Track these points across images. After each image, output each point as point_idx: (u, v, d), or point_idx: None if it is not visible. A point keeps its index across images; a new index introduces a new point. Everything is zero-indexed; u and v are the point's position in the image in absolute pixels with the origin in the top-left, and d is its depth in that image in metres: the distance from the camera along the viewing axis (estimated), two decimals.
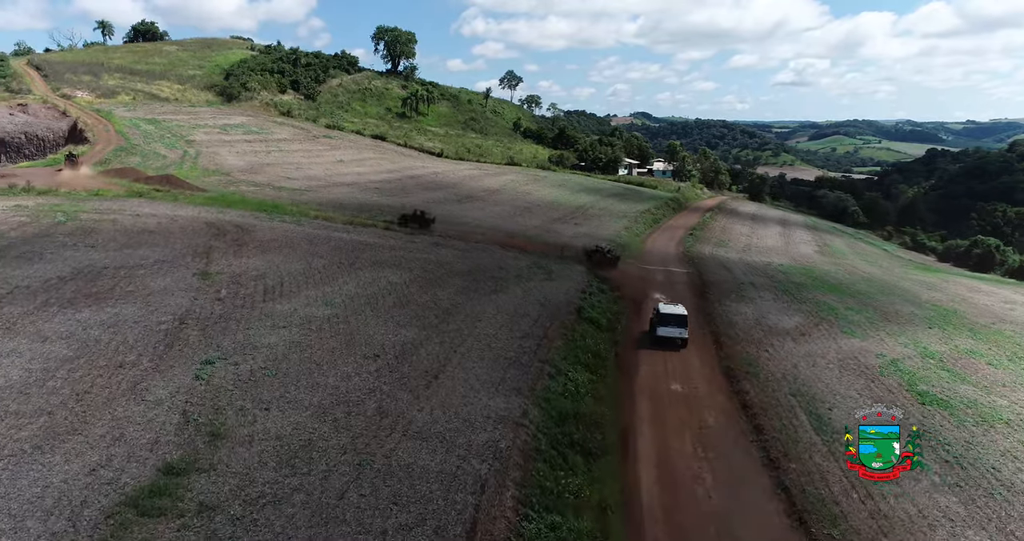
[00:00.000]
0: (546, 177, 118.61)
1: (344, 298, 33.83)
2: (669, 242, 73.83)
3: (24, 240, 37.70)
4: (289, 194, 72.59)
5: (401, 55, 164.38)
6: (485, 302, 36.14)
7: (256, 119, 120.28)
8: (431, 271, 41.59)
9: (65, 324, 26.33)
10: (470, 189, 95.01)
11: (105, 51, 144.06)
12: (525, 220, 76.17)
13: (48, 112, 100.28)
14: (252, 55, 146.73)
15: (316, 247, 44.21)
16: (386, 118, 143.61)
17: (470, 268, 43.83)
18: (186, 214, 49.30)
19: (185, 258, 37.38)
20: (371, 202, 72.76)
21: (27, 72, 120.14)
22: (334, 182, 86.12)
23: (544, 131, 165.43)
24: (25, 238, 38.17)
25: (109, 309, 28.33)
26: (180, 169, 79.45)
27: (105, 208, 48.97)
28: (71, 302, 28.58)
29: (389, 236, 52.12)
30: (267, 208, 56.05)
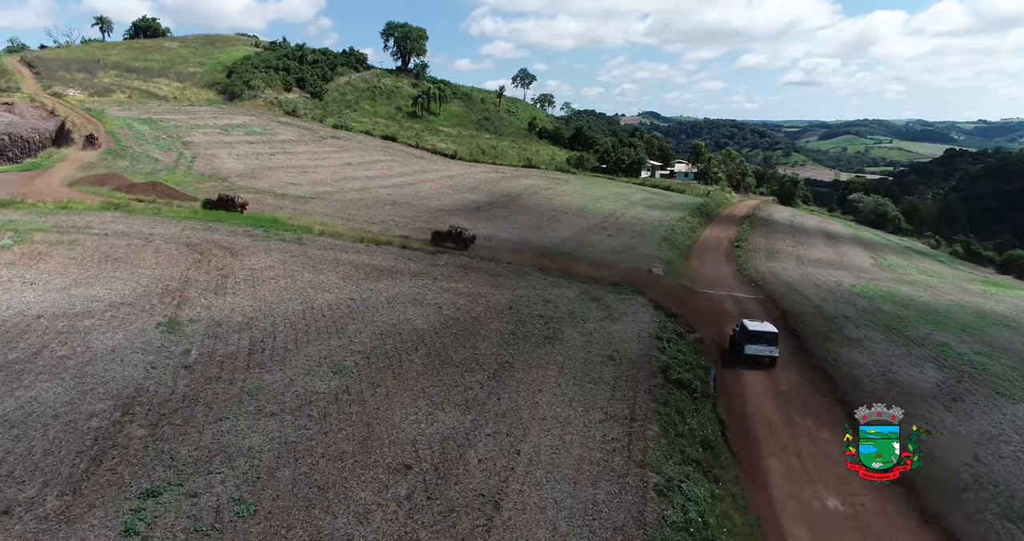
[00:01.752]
0: (568, 180, 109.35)
1: (357, 358, 24.87)
2: (717, 256, 64.66)
3: None
4: (291, 203, 63.73)
5: (412, 52, 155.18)
6: (540, 358, 27.13)
7: (259, 119, 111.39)
8: (464, 310, 32.60)
9: None
10: (490, 194, 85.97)
11: (102, 48, 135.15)
12: (554, 231, 67.07)
13: (35, 112, 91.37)
14: (256, 52, 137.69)
15: (321, 276, 35.29)
16: (396, 118, 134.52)
17: (511, 302, 34.84)
18: (165, 232, 40.39)
19: (151, 299, 28.45)
20: (383, 212, 63.79)
21: (17, 69, 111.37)
22: (342, 188, 77.16)
23: (560, 131, 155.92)
24: None
25: (22, 393, 19.40)
26: (172, 174, 70.63)
27: (69, 225, 40.10)
28: None
29: (407, 257, 43.14)
30: (264, 223, 47.11)
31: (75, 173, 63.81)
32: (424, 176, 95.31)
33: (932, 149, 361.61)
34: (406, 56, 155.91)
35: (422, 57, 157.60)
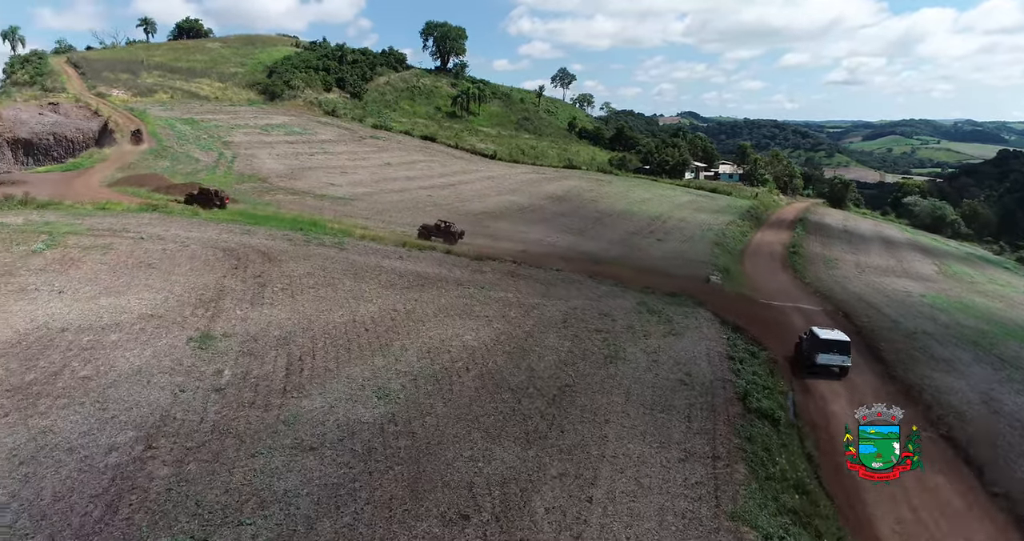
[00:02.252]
0: (610, 182, 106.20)
1: (404, 380, 22.45)
2: (772, 263, 61.16)
3: None
4: (331, 204, 61.93)
5: (451, 52, 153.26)
6: (603, 381, 24.44)
7: (299, 119, 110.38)
8: (516, 323, 30.04)
9: None
10: (531, 196, 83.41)
11: (146, 48, 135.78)
12: (601, 235, 64.28)
13: (79, 111, 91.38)
14: (296, 52, 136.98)
15: (362, 284, 33.03)
16: (435, 118, 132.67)
17: (565, 315, 32.18)
18: (202, 236, 38.58)
19: (183, 310, 26.41)
20: (423, 215, 61.64)
21: (64, 70, 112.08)
22: (381, 189, 75.29)
23: (601, 132, 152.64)
24: None
25: (36, 421, 17.35)
26: (212, 175, 69.40)
27: (104, 228, 38.53)
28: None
29: (451, 263, 40.75)
30: (303, 226, 45.13)
31: (115, 173, 62.86)
32: (464, 177, 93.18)
33: (982, 150, 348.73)
34: (445, 56, 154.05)
35: (461, 57, 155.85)
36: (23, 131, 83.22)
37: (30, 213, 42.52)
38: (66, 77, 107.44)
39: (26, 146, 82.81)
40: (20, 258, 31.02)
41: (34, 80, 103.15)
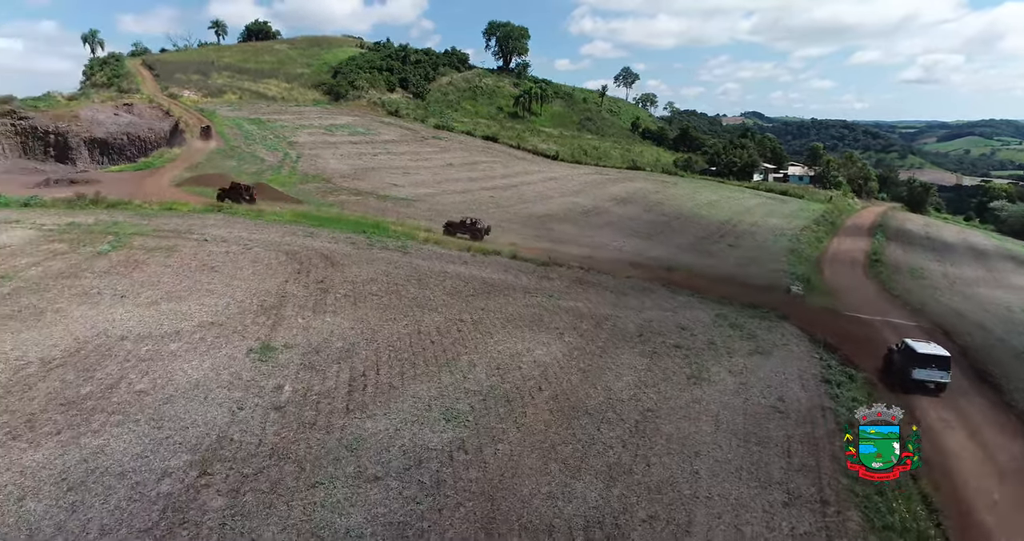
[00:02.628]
0: (676, 184, 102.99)
1: (473, 400, 20.78)
2: (854, 273, 57.42)
3: (34, 285, 26.72)
4: (394, 205, 61.02)
5: (513, 52, 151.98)
6: (689, 406, 22.27)
7: (363, 119, 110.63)
8: (589, 336, 28.08)
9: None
10: (595, 198, 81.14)
11: (217, 50, 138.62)
12: (670, 239, 61.66)
13: (152, 112, 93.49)
14: (361, 52, 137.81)
15: (427, 291, 31.58)
16: (497, 118, 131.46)
17: (639, 327, 30.06)
18: (266, 238, 37.83)
19: (244, 318, 25.36)
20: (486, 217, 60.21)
21: (139, 72, 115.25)
22: (444, 190, 74.18)
23: (665, 132, 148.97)
24: (39, 281, 27.24)
25: (88, 440, 16.29)
26: (277, 175, 69.46)
27: (170, 229, 38.19)
28: (30, 425, 16.72)
29: (517, 269, 39.03)
30: (366, 228, 44.10)
31: (183, 173, 63.34)
32: (526, 178, 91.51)
33: None
34: (507, 56, 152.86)
35: (523, 56, 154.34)
36: (99, 131, 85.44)
37: (100, 212, 42.65)
38: (141, 79, 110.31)
39: (102, 146, 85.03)
40: (86, 260, 30.63)
41: (111, 82, 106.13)
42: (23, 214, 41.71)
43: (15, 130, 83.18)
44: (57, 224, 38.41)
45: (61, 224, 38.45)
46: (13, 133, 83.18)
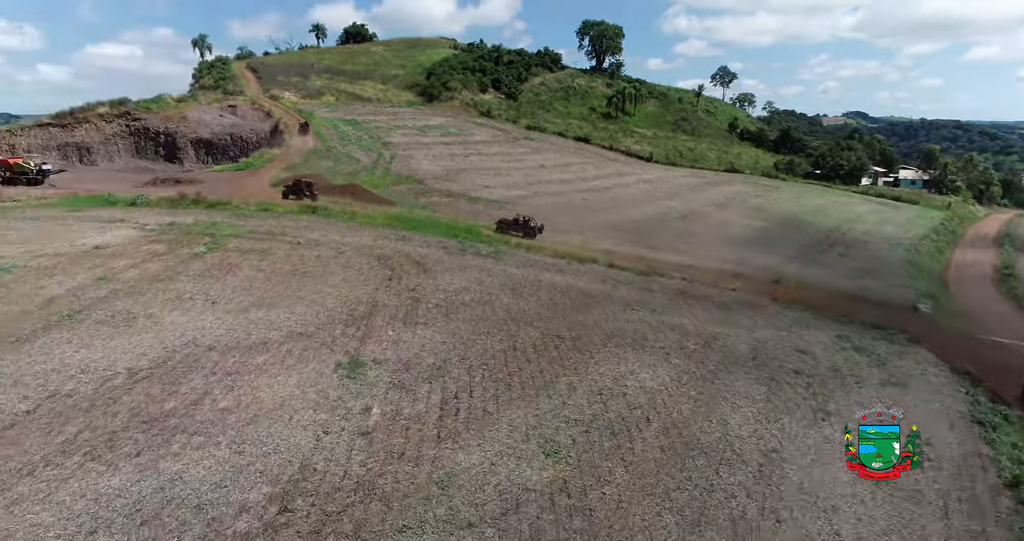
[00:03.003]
0: (778, 188, 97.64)
1: (574, 431, 18.72)
2: (984, 288, 51.92)
3: (130, 288, 26.48)
4: (485, 208, 59.69)
5: (607, 51, 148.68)
6: (819, 446, 19.43)
7: (455, 120, 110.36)
8: (697, 358, 25.52)
9: (57, 515, 13.40)
10: (693, 202, 77.51)
11: (316, 53, 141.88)
12: (775, 248, 57.63)
13: (254, 113, 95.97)
14: (454, 54, 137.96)
15: (522, 302, 29.75)
16: (590, 119, 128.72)
17: (753, 349, 27.22)
18: (357, 242, 36.98)
19: (334, 328, 24.20)
20: (580, 221, 58.02)
21: (243, 74, 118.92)
22: (536, 192, 72.42)
23: (764, 133, 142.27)
24: (135, 284, 27.01)
25: (167, 465, 15.20)
26: (371, 175, 69.48)
27: (265, 231, 37.94)
28: (110, 444, 15.82)
29: (615, 279, 36.74)
30: (459, 233, 42.80)
31: (281, 173, 64.05)
32: (620, 180, 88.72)
33: None
34: (601, 55, 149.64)
35: (617, 56, 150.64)
36: (205, 132, 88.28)
37: (200, 212, 43.08)
38: (245, 81, 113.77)
39: (207, 146, 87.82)
40: (182, 262, 30.41)
41: (218, 84, 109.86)
42: (128, 213, 42.57)
43: (129, 131, 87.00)
44: (158, 224, 38.85)
45: (162, 224, 38.87)
46: (127, 133, 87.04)
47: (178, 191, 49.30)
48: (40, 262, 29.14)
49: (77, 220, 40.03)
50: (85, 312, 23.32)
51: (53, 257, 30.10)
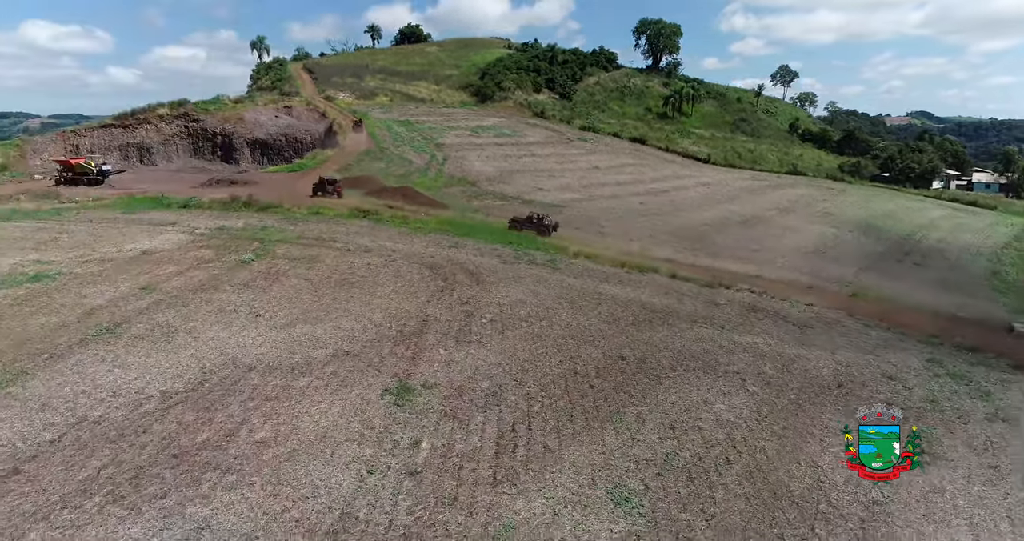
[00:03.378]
0: (844, 191, 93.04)
1: (646, 475, 16.54)
2: None
3: (173, 298, 25.35)
4: (541, 211, 57.76)
5: (664, 50, 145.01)
6: (927, 498, 16.80)
7: (508, 120, 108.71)
8: (777, 385, 23.00)
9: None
10: (754, 206, 74.06)
11: (371, 54, 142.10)
12: (843, 254, 54.11)
13: (309, 114, 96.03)
14: (508, 53, 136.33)
15: (581, 317, 27.65)
16: (645, 119, 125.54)
17: (836, 374, 24.53)
18: (409, 249, 35.42)
19: (382, 346, 22.51)
20: (639, 226, 55.54)
21: (299, 75, 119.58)
22: (591, 195, 70.11)
23: (827, 134, 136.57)
24: (178, 294, 25.88)
25: (196, 509, 13.58)
26: (423, 177, 68.28)
27: (314, 236, 36.72)
28: (135, 483, 14.31)
29: (679, 291, 34.31)
30: (513, 239, 40.95)
31: (334, 175, 63.31)
32: (677, 183, 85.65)
33: None
34: (658, 54, 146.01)
35: (675, 55, 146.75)
36: (260, 133, 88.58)
37: (250, 216, 42.24)
38: (300, 82, 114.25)
39: (262, 146, 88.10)
40: (228, 270, 29.26)
41: (274, 85, 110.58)
42: (180, 216, 41.98)
43: (187, 131, 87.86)
44: (208, 228, 38.04)
45: (212, 228, 38.05)
46: (186, 134, 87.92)
47: (230, 193, 48.73)
48: (86, 268, 28.35)
49: (129, 223, 39.55)
50: (124, 325, 22.17)
51: (100, 263, 29.31)
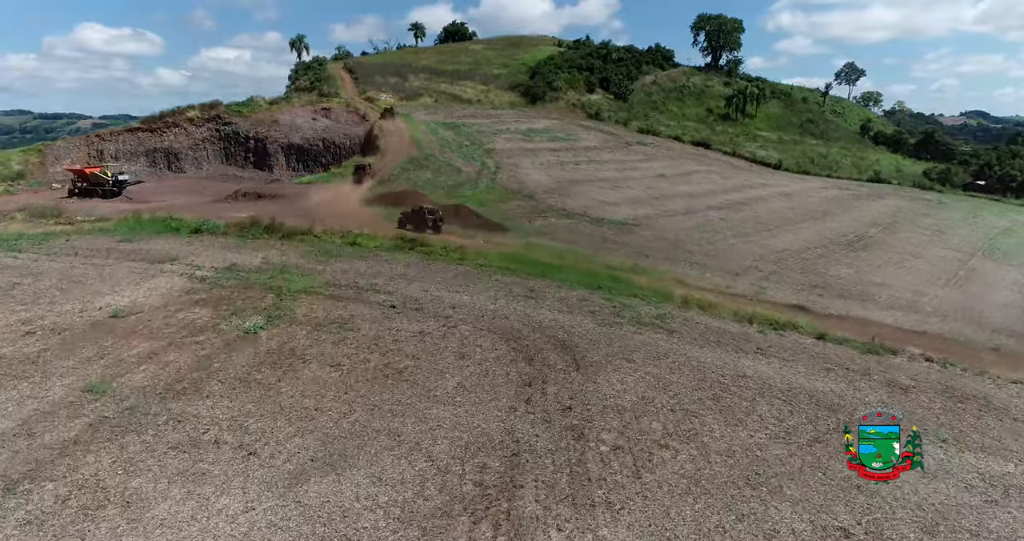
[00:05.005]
0: (942, 203, 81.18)
1: None
2: None
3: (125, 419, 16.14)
4: (613, 232, 47.97)
5: (724, 46, 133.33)
6: None
7: (561, 122, 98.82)
8: None
9: None
10: (851, 222, 63.13)
11: (415, 53, 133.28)
12: (993, 293, 43.29)
13: (348, 116, 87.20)
14: (559, 51, 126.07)
15: (741, 432, 17.71)
16: (707, 121, 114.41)
17: None
18: (472, 302, 25.90)
19: (450, 521, 13.05)
20: (734, 252, 45.38)
21: (340, 75, 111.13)
22: (663, 209, 59.97)
23: (904, 136, 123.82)
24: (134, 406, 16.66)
25: None
26: (475, 190, 58.94)
27: (349, 282, 27.48)
28: None
29: (838, 362, 24.18)
30: (601, 281, 31.15)
31: (375, 187, 54.30)
32: (753, 193, 74.84)
33: None
34: (717, 51, 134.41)
35: (735, 52, 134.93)
36: (296, 137, 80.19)
37: (271, 248, 33.30)
38: (341, 82, 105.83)
39: (298, 152, 79.69)
40: (225, 347, 20.10)
41: (313, 86, 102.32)
42: (186, 246, 33.26)
43: (219, 135, 79.95)
44: (215, 267, 29.12)
45: (219, 267, 29.13)
46: (217, 138, 80.00)
47: (253, 213, 40.02)
48: (22, 346, 19.45)
49: (121, 257, 30.86)
50: (22, 488, 13.05)
51: (47, 335, 20.41)
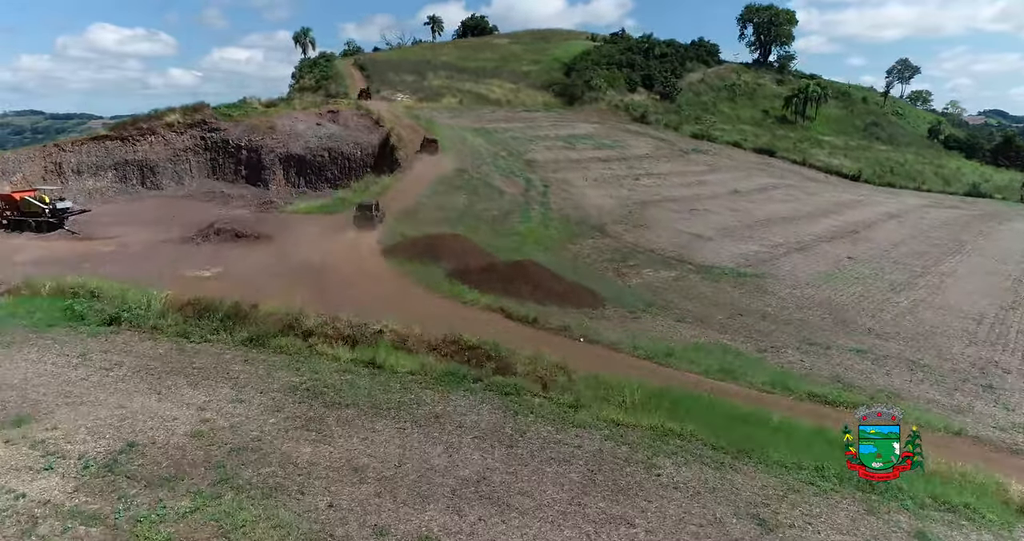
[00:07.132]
0: None
1: None
2: None
3: None
4: (740, 293, 32.58)
5: (775, 41, 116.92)
6: None
7: (603, 126, 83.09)
8: None
9: None
10: (1002, 259, 47.19)
11: (432, 48, 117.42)
12: None
13: (359, 120, 71.00)
14: (595, 46, 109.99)
15: None
16: (764, 124, 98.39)
17: None
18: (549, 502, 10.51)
19: None
20: (903, 329, 29.65)
21: (350, 73, 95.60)
22: (769, 244, 44.34)
23: (978, 140, 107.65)
24: None
25: None
26: (527, 221, 43.45)
27: (362, 464, 12.02)
28: None
29: None
30: (832, 441, 15.59)
31: (396, 224, 38.64)
32: (853, 216, 58.85)
33: None
34: (767, 46, 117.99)
35: (787, 46, 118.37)
36: (296, 146, 64.29)
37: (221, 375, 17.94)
38: (351, 80, 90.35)
39: (299, 164, 63.82)
40: None
41: (319, 84, 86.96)
42: (75, 369, 17.97)
43: (205, 144, 64.14)
44: (90, 458, 13.88)
45: (99, 460, 13.88)
46: (203, 148, 64.18)
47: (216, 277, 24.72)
48: None
49: None
50: None
51: None
